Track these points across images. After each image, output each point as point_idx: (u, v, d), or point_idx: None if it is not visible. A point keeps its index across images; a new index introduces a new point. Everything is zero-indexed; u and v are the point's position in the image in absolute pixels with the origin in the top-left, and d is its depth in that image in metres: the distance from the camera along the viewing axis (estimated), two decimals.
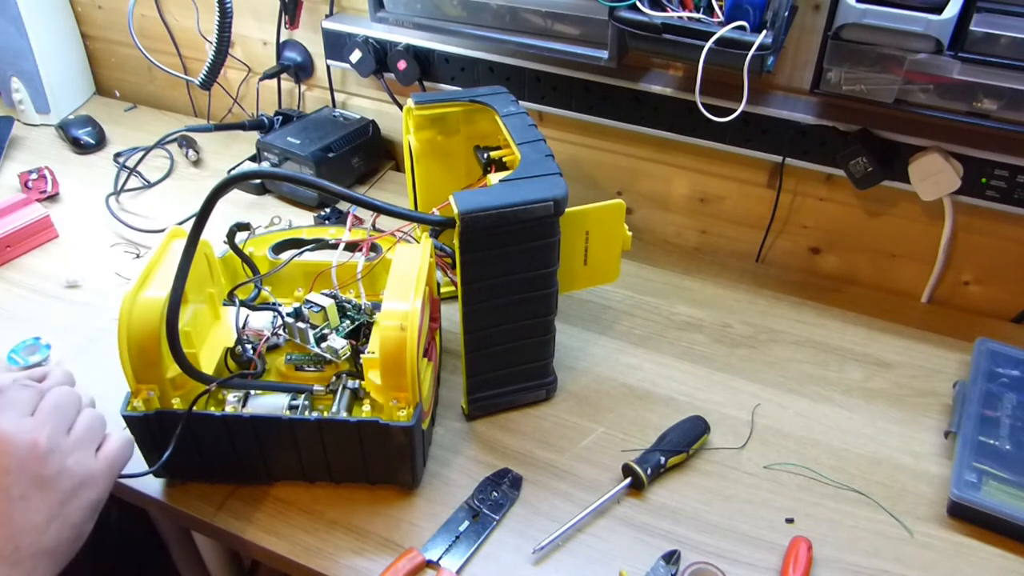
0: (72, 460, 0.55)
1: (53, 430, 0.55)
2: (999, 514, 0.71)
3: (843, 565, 0.69)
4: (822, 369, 0.90)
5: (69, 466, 0.55)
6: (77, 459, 0.56)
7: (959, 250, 0.97)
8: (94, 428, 0.58)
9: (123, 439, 0.60)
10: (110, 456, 0.58)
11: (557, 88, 1.04)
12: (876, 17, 0.76)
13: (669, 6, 0.83)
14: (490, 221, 0.68)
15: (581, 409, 0.84)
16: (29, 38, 1.27)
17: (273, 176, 1.04)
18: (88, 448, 0.57)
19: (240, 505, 0.73)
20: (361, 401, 0.72)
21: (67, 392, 0.58)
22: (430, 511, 0.73)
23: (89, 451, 0.57)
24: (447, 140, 0.93)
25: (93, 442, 0.58)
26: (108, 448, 0.58)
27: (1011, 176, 0.86)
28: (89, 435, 0.58)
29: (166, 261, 0.71)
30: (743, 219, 1.07)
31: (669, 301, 1.00)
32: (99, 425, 0.59)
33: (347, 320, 0.76)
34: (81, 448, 0.56)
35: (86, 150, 1.27)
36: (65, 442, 0.55)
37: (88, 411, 0.59)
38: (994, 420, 0.79)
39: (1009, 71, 0.75)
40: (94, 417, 0.59)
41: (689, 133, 1.00)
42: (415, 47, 1.09)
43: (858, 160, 0.90)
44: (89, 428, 0.58)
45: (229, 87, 1.34)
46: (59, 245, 1.06)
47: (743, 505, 0.74)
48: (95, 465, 0.57)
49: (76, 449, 0.56)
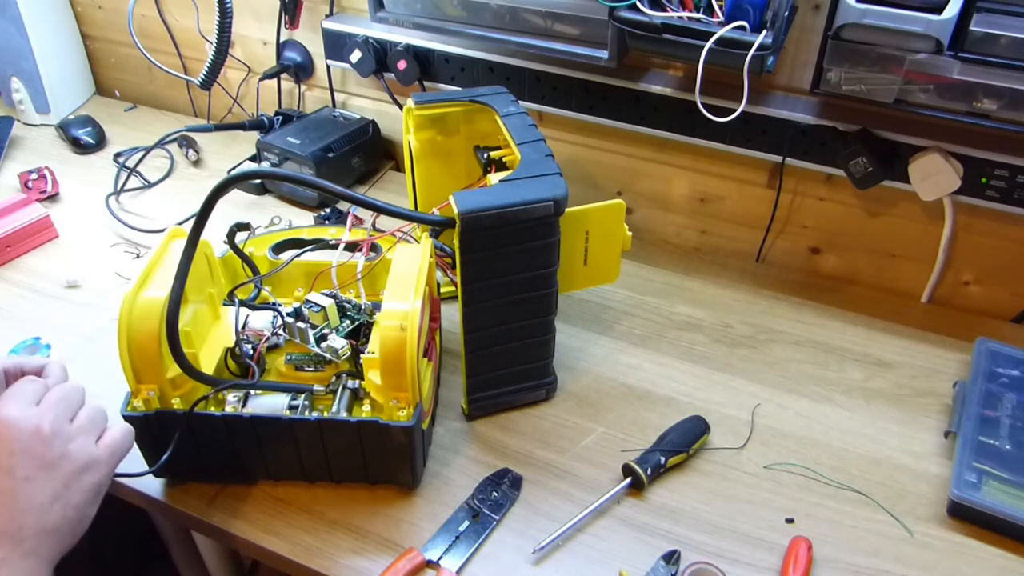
0: (75, 445, 0.58)
1: (57, 417, 0.57)
2: (999, 514, 0.71)
3: (843, 565, 0.69)
4: (822, 369, 0.90)
5: (72, 450, 0.57)
6: (80, 444, 0.58)
7: (959, 250, 0.97)
8: (96, 419, 0.61)
9: (124, 429, 0.62)
10: (111, 444, 0.60)
11: (557, 88, 1.04)
12: (876, 17, 0.76)
13: (669, 6, 0.83)
14: (490, 221, 0.68)
15: (581, 409, 0.84)
16: (29, 38, 1.27)
17: (273, 176, 1.04)
18: (90, 435, 0.59)
19: (240, 505, 0.73)
20: (361, 401, 0.72)
21: (72, 387, 0.61)
22: (430, 511, 0.73)
23: (91, 438, 0.59)
24: (447, 140, 0.93)
25: (95, 431, 0.60)
26: (109, 436, 0.61)
27: (1011, 176, 0.86)
28: (91, 425, 0.60)
29: (166, 261, 0.71)
30: (743, 219, 1.07)
31: (669, 301, 1.00)
32: (101, 417, 0.61)
33: (347, 320, 0.76)
34: (83, 435, 0.59)
35: (86, 150, 1.27)
36: (68, 428, 0.58)
37: (91, 403, 0.61)
38: (994, 420, 0.79)
39: (1009, 71, 0.76)
40: (96, 410, 0.61)
41: (689, 133, 1.00)
42: (415, 47, 1.09)
43: (858, 160, 0.90)
44: (91, 418, 0.60)
45: (229, 87, 1.34)
46: (59, 245, 1.06)
47: (743, 505, 0.74)
48: (96, 451, 0.59)
49: (79, 435, 0.58)
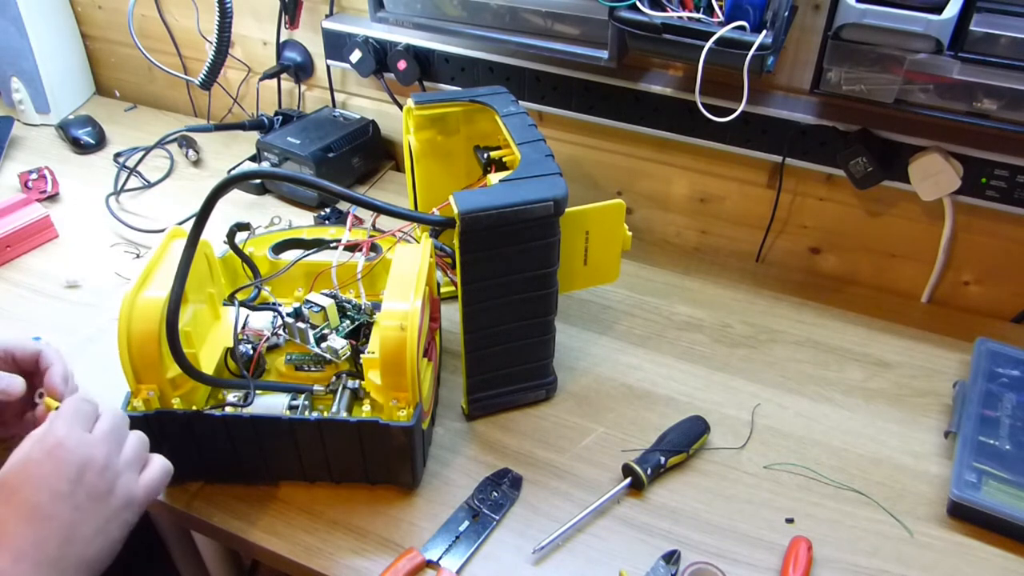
0: (121, 481, 0.58)
1: (110, 450, 0.58)
2: (999, 514, 0.71)
3: (843, 565, 0.69)
4: (822, 369, 0.90)
5: (118, 486, 0.57)
6: (125, 481, 0.58)
7: (959, 250, 0.97)
8: (140, 452, 0.61)
9: (163, 468, 0.62)
10: (150, 484, 0.60)
11: (557, 88, 1.04)
12: (876, 17, 0.76)
13: (669, 6, 0.83)
14: (490, 221, 0.68)
15: (581, 409, 0.84)
16: (29, 38, 1.27)
17: (273, 176, 1.04)
18: (135, 471, 0.60)
19: (240, 505, 0.73)
20: (361, 401, 0.72)
21: (120, 414, 0.61)
22: (430, 511, 0.73)
23: (135, 474, 0.60)
24: (447, 140, 0.93)
25: (139, 464, 0.60)
26: (150, 476, 0.61)
27: (1011, 176, 0.86)
28: (136, 459, 0.60)
29: (166, 261, 0.71)
30: (743, 219, 1.07)
31: (669, 301, 1.00)
32: (144, 448, 0.62)
33: (347, 320, 0.76)
34: (130, 470, 0.59)
35: (86, 150, 1.27)
36: (117, 463, 0.58)
37: (135, 434, 0.62)
38: (994, 420, 0.79)
39: (1009, 71, 0.76)
40: (140, 440, 0.61)
41: (689, 133, 1.00)
42: (415, 47, 1.09)
43: (858, 160, 0.90)
44: (136, 451, 0.60)
45: (229, 87, 1.34)
46: (59, 245, 1.06)
47: (743, 505, 0.74)
48: (137, 490, 0.59)
49: (125, 471, 0.58)
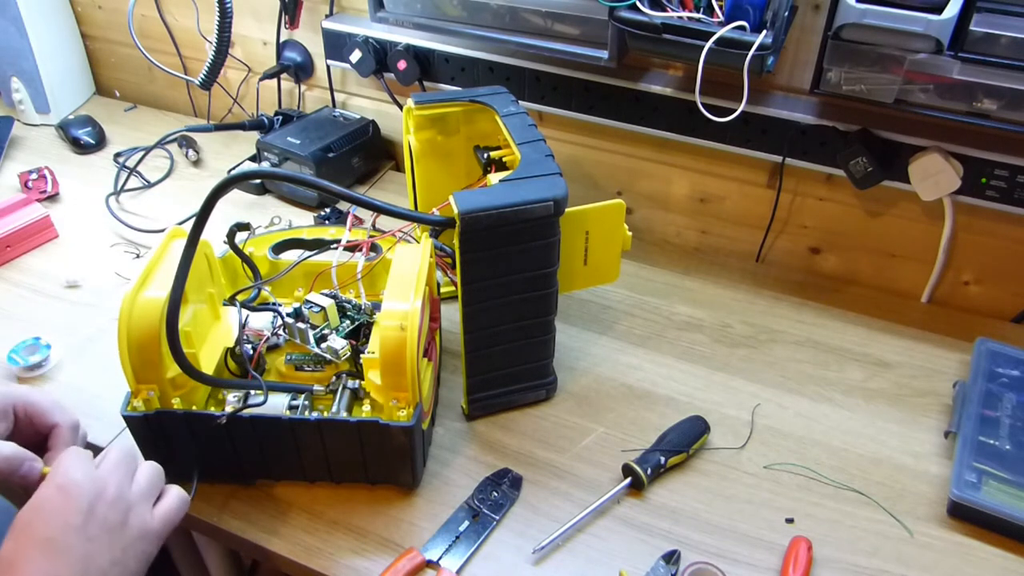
0: (135, 512, 0.58)
1: (121, 480, 0.58)
2: (999, 514, 0.71)
3: (843, 565, 0.69)
4: (822, 369, 0.90)
5: (132, 517, 0.58)
6: (139, 512, 0.58)
7: (959, 250, 0.97)
8: (153, 481, 0.61)
9: (180, 498, 0.62)
10: (166, 515, 0.61)
11: (557, 88, 1.04)
12: (876, 17, 0.76)
13: (669, 6, 0.83)
14: (490, 221, 0.68)
15: (581, 409, 0.84)
16: (29, 38, 1.27)
17: (273, 176, 1.04)
18: (148, 502, 0.60)
19: (240, 505, 0.73)
20: (361, 401, 0.72)
21: (127, 446, 0.61)
22: (430, 511, 0.73)
23: (149, 505, 0.60)
24: (447, 140, 0.93)
25: (153, 495, 0.61)
26: (166, 506, 0.61)
27: (1011, 176, 0.86)
28: (150, 489, 0.60)
29: (166, 261, 0.71)
30: (743, 219, 1.07)
31: (669, 301, 1.00)
32: (158, 479, 0.62)
33: (347, 320, 0.76)
34: (143, 502, 0.59)
35: (86, 150, 1.27)
36: (129, 494, 0.58)
37: (149, 465, 0.62)
38: (994, 420, 0.79)
39: (1009, 71, 0.76)
40: (153, 471, 0.62)
41: (689, 133, 1.00)
42: (415, 47, 1.09)
43: (858, 160, 0.90)
44: (149, 481, 0.61)
45: (229, 87, 1.34)
46: (59, 245, 1.06)
47: (743, 505, 0.74)
48: (152, 522, 0.59)
49: (139, 502, 0.59)
